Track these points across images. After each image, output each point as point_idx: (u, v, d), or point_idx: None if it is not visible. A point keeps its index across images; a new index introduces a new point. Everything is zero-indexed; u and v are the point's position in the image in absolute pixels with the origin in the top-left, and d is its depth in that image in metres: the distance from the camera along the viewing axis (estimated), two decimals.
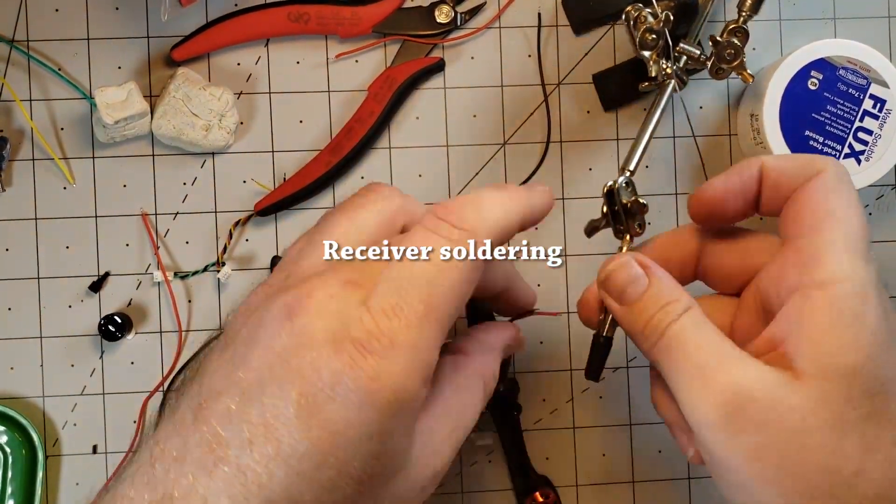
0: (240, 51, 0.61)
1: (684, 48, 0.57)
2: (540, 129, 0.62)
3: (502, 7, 0.61)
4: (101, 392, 0.60)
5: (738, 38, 0.57)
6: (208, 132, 0.59)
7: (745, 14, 0.57)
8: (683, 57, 0.58)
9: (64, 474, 0.60)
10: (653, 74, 0.57)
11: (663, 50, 0.56)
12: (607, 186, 0.52)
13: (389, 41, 0.61)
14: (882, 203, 0.63)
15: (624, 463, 0.62)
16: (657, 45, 0.56)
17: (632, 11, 0.57)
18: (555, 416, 0.62)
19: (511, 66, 0.62)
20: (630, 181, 0.52)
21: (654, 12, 0.56)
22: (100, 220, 0.60)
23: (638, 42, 0.56)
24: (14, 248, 0.60)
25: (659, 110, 0.56)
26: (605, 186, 0.52)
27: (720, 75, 0.57)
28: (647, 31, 0.56)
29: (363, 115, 0.60)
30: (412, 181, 0.61)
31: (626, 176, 0.52)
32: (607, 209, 0.52)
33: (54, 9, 0.60)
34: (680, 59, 0.58)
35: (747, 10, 0.57)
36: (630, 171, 0.53)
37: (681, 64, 0.57)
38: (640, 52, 0.56)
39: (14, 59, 0.60)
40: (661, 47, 0.56)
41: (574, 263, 0.62)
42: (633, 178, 0.52)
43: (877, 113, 0.58)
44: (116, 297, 0.60)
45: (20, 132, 0.60)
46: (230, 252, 0.60)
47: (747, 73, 0.57)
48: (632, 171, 0.53)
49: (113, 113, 0.57)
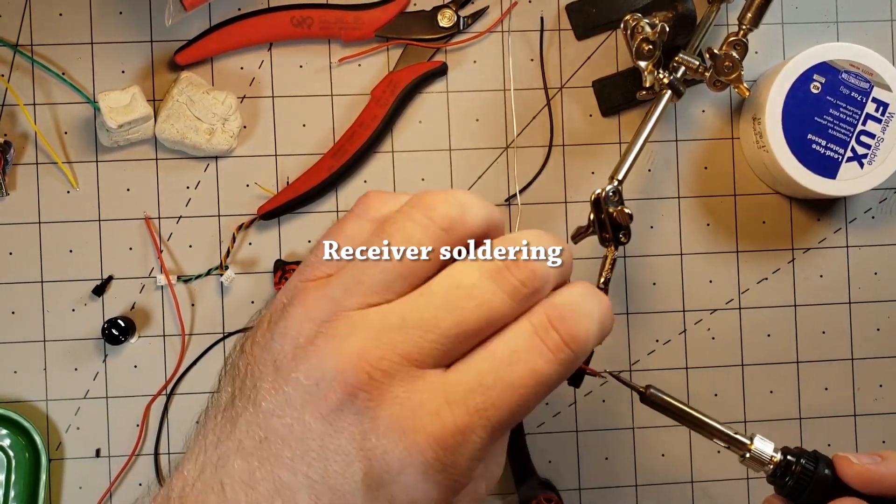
0: (243, 55, 0.61)
1: (683, 59, 0.57)
2: (542, 133, 0.62)
3: (505, 11, 0.62)
4: (104, 396, 0.60)
5: (738, 50, 0.57)
6: (211, 136, 0.59)
7: (746, 27, 0.57)
8: (682, 67, 0.58)
9: (67, 478, 0.60)
10: (648, 84, 0.57)
11: (659, 60, 0.57)
12: (594, 194, 0.52)
13: (392, 45, 0.61)
14: (885, 206, 0.63)
15: (627, 466, 0.62)
16: (653, 55, 0.56)
17: (630, 21, 0.57)
18: (558, 419, 0.62)
19: (514, 71, 0.62)
20: (617, 190, 0.52)
21: (651, 23, 0.56)
22: (103, 223, 0.60)
23: (634, 52, 0.56)
24: (17, 251, 0.60)
25: (652, 121, 0.56)
26: (593, 194, 0.52)
27: (717, 87, 0.57)
28: (643, 41, 0.56)
29: (366, 118, 0.60)
30: (415, 185, 0.61)
31: (615, 185, 0.52)
32: (593, 217, 0.52)
33: (58, 13, 0.60)
34: (678, 69, 0.58)
35: (748, 24, 0.57)
36: (618, 181, 0.53)
37: (679, 74, 0.57)
38: (636, 61, 0.57)
39: (18, 63, 0.60)
40: (657, 58, 0.56)
41: (574, 265, 0.61)
42: (621, 188, 0.52)
43: (879, 116, 0.58)
44: (120, 301, 0.60)
45: (24, 136, 0.60)
46: (233, 256, 0.60)
47: (744, 86, 0.57)
48: (620, 181, 0.53)
49: (116, 117, 0.57)
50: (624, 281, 0.62)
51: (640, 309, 0.62)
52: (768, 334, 0.63)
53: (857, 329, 0.63)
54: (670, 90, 0.57)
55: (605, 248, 0.54)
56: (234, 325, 0.61)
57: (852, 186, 0.59)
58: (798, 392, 0.63)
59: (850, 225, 0.63)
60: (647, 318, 0.62)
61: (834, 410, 0.63)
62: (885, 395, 0.63)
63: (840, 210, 0.63)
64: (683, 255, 0.62)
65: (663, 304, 0.62)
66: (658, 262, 0.62)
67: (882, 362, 0.63)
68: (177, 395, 0.60)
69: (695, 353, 0.62)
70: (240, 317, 0.60)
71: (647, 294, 0.62)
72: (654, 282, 0.62)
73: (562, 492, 0.60)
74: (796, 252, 0.63)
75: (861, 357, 0.63)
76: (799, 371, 0.63)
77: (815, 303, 0.63)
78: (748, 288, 0.63)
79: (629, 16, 0.57)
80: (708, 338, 0.62)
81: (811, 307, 0.63)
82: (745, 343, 0.63)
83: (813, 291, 0.63)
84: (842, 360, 0.63)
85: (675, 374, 0.62)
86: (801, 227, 0.63)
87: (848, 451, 0.45)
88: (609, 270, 0.54)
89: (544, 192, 0.62)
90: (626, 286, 0.62)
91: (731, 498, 0.62)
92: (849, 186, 0.59)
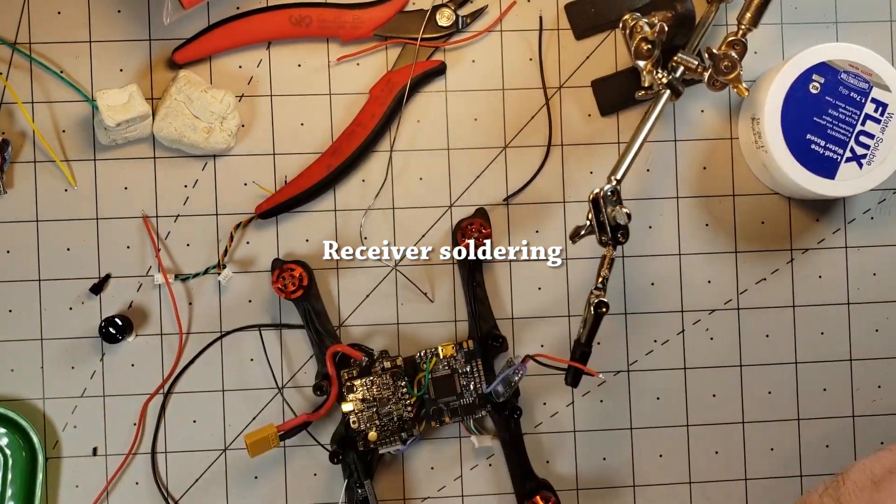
0: (241, 54, 0.61)
1: (682, 58, 0.57)
2: (541, 132, 0.62)
3: (504, 11, 0.61)
4: (101, 394, 0.60)
5: (737, 50, 0.56)
6: (209, 135, 0.59)
7: (745, 27, 0.57)
8: (681, 67, 0.57)
9: (64, 476, 0.60)
10: (646, 84, 0.57)
11: (658, 60, 0.56)
12: (593, 194, 0.52)
13: (391, 44, 0.61)
14: (884, 206, 0.63)
15: (624, 467, 0.62)
16: (652, 55, 0.56)
17: (629, 20, 0.57)
18: (555, 419, 0.62)
19: (512, 70, 0.62)
20: (616, 190, 0.52)
21: (650, 22, 0.56)
22: (101, 222, 0.60)
23: (633, 51, 0.56)
24: (15, 249, 0.60)
25: (651, 120, 0.56)
26: (591, 194, 0.52)
27: (716, 87, 0.57)
28: (642, 40, 0.56)
29: (364, 118, 0.60)
30: (413, 184, 0.61)
31: (613, 184, 0.52)
32: (592, 216, 0.52)
33: (56, 12, 0.60)
34: (677, 69, 0.57)
35: (747, 24, 0.57)
36: (617, 180, 0.53)
37: (678, 74, 0.57)
38: (635, 61, 0.56)
39: (16, 61, 0.60)
40: (656, 57, 0.56)
41: (574, 264, 0.61)
42: (619, 187, 0.52)
43: (878, 117, 0.58)
44: (117, 300, 0.60)
45: (22, 134, 0.60)
46: (231, 254, 0.60)
47: (743, 86, 0.57)
48: (618, 180, 0.53)
49: (114, 115, 0.57)
50: (622, 281, 0.62)
51: (639, 309, 0.62)
52: (767, 335, 0.63)
53: (856, 330, 0.63)
54: (669, 90, 0.57)
55: (604, 248, 0.54)
56: (231, 324, 0.61)
57: (851, 187, 0.58)
58: (796, 393, 0.63)
59: (849, 225, 0.63)
60: (646, 319, 0.62)
61: (832, 411, 0.63)
62: (883, 395, 0.63)
63: (839, 210, 0.63)
64: (682, 256, 0.62)
65: (661, 305, 0.62)
66: (656, 262, 0.62)
67: (880, 363, 0.63)
68: (174, 394, 0.60)
69: (693, 354, 0.62)
70: (237, 316, 0.60)
71: (646, 294, 0.62)
72: (652, 282, 0.62)
73: (559, 492, 0.60)
74: (795, 252, 0.63)
75: (859, 358, 0.63)
76: (797, 372, 0.63)
77: (813, 303, 0.63)
78: (747, 288, 0.62)
79: (628, 15, 0.57)
80: (706, 338, 0.62)
81: (810, 308, 0.63)
82: (744, 343, 0.62)
83: (811, 292, 0.63)
84: (840, 361, 0.63)
85: (673, 375, 0.62)
86: (799, 227, 0.63)
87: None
88: (607, 270, 0.54)
89: (542, 191, 0.61)
90: (624, 286, 0.62)
91: (729, 498, 0.62)
92: (848, 187, 0.58)
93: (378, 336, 0.61)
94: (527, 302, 0.61)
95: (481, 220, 0.60)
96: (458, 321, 0.61)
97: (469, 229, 0.59)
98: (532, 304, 0.61)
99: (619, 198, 0.52)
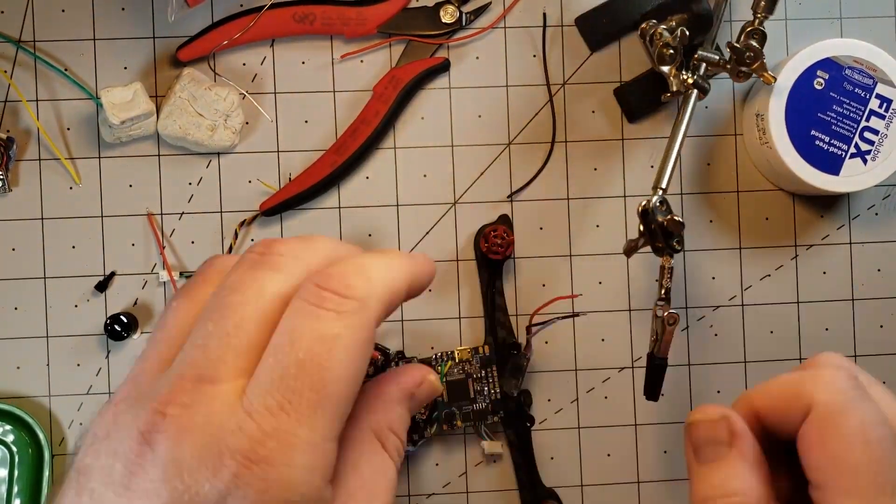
0: (245, 51, 0.61)
1: (703, 55, 0.57)
2: (545, 129, 0.62)
3: (507, 7, 0.61)
4: (106, 392, 0.60)
5: (756, 39, 0.56)
6: (214, 132, 0.59)
7: (761, 15, 0.57)
8: (703, 64, 0.57)
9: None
10: (674, 89, 0.56)
11: (681, 63, 0.56)
12: (641, 206, 0.51)
13: (394, 41, 0.61)
14: (889, 203, 0.63)
15: (629, 463, 0.62)
16: (675, 59, 0.56)
17: (647, 29, 0.56)
18: (560, 415, 0.62)
19: (516, 67, 0.62)
20: (664, 199, 0.52)
21: (669, 27, 0.56)
22: (106, 219, 0.60)
23: (656, 58, 0.56)
24: (20, 247, 0.60)
25: (684, 123, 0.55)
26: (640, 206, 0.51)
27: (741, 78, 0.57)
28: (664, 46, 0.55)
29: (368, 115, 0.60)
30: (417, 182, 0.61)
31: (660, 194, 0.52)
32: (643, 228, 0.51)
33: (61, 9, 0.60)
34: (699, 66, 0.57)
35: (762, 12, 0.57)
36: (662, 189, 0.52)
37: (701, 71, 0.57)
38: (658, 67, 0.56)
39: (21, 59, 0.60)
40: (679, 61, 0.56)
41: (578, 262, 0.61)
42: (665, 196, 0.52)
43: (883, 112, 0.58)
44: (122, 297, 0.60)
45: (27, 132, 0.60)
46: (235, 252, 0.60)
47: (769, 74, 0.56)
48: (664, 189, 0.52)
49: (119, 113, 0.57)
50: (626, 278, 0.62)
51: (642, 306, 0.62)
52: (771, 331, 0.63)
53: (860, 326, 0.63)
54: (696, 89, 0.56)
55: (661, 258, 0.53)
56: None
57: (856, 183, 0.58)
58: None
59: (854, 221, 0.63)
60: (649, 316, 0.62)
61: None
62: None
63: (843, 206, 0.63)
64: (686, 252, 0.62)
65: None
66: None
67: (885, 359, 0.63)
68: None
69: (697, 350, 0.62)
70: None
71: (649, 291, 0.62)
72: (655, 278, 0.62)
73: (563, 488, 0.60)
74: (799, 249, 0.63)
75: (864, 354, 0.63)
76: None
77: (817, 300, 0.63)
78: (751, 284, 0.62)
79: (645, 24, 0.57)
80: (710, 334, 0.62)
81: (814, 304, 0.63)
82: (748, 340, 0.62)
83: (816, 288, 0.63)
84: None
85: (677, 371, 0.62)
86: (804, 223, 0.63)
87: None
88: (668, 280, 0.53)
89: (547, 188, 0.61)
90: (628, 283, 0.62)
91: None
92: (852, 183, 0.58)
93: (391, 335, 0.61)
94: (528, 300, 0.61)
95: (505, 227, 0.60)
96: (468, 318, 0.61)
97: (492, 236, 0.59)
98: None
99: (669, 207, 0.51)
